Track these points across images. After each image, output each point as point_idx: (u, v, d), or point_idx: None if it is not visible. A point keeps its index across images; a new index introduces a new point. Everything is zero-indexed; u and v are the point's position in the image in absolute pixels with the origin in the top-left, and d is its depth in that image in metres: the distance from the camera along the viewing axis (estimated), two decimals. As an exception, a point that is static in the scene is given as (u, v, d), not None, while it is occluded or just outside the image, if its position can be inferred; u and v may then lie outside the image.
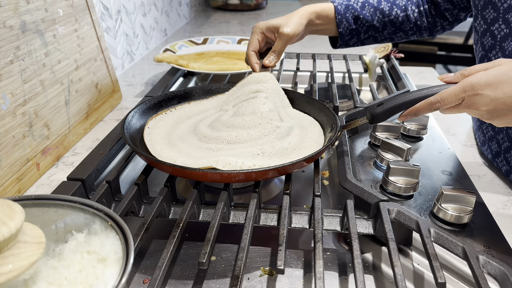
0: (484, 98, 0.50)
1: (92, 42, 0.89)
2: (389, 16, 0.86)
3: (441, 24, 0.89)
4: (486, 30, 0.69)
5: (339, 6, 0.86)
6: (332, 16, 0.85)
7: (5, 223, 0.32)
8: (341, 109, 0.91)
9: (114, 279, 0.35)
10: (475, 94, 0.51)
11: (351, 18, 0.86)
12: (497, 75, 0.50)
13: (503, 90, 0.50)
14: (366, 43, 0.91)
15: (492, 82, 0.50)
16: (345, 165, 0.63)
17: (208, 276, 0.52)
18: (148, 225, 0.49)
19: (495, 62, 0.52)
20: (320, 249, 0.46)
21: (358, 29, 0.87)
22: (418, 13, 0.86)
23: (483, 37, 0.71)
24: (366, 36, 0.89)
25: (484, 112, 0.52)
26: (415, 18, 0.86)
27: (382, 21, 0.86)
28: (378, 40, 0.91)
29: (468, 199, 0.54)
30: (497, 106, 0.51)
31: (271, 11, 2.17)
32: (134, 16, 1.30)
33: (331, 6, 0.85)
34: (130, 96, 1.04)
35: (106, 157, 0.65)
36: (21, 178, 0.65)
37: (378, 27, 0.87)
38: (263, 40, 0.81)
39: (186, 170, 0.53)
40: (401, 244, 0.55)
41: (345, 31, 0.87)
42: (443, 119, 0.92)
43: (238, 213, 0.56)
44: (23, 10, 0.68)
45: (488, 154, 0.75)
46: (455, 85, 0.52)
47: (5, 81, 0.63)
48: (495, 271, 0.45)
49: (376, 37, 0.89)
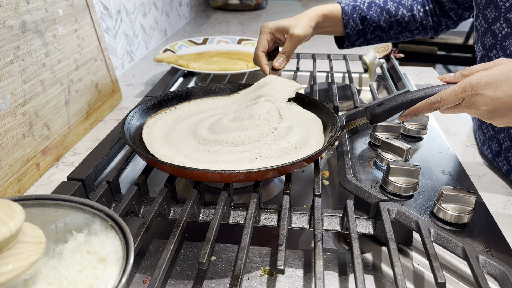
0: (484, 98, 0.50)
1: (92, 42, 0.89)
2: (395, 16, 0.86)
3: (445, 23, 0.89)
4: (487, 29, 0.69)
5: (346, 7, 0.86)
6: (340, 17, 0.86)
7: (5, 223, 0.32)
8: (341, 109, 0.91)
9: (114, 279, 0.35)
10: (475, 94, 0.51)
11: (358, 19, 0.86)
12: (497, 75, 0.50)
13: (503, 89, 0.50)
14: (372, 43, 0.91)
15: (492, 81, 0.50)
16: (345, 165, 0.63)
17: (208, 276, 0.52)
18: (148, 225, 0.49)
19: (495, 62, 0.52)
20: (320, 249, 0.46)
21: (365, 29, 0.87)
22: (424, 12, 0.87)
23: (484, 36, 0.71)
24: (372, 36, 0.89)
25: (484, 112, 0.52)
26: (420, 17, 0.87)
27: (388, 21, 0.87)
28: (384, 40, 0.91)
29: (468, 199, 0.54)
30: (497, 106, 0.50)
31: (271, 11, 2.17)
32: (134, 16, 1.30)
33: (338, 7, 0.86)
34: (130, 96, 1.04)
35: (106, 157, 0.65)
36: (21, 178, 0.65)
37: (385, 27, 0.87)
38: (272, 40, 0.81)
39: (186, 170, 0.53)
40: (401, 244, 0.55)
41: (352, 31, 0.87)
42: (443, 119, 0.92)
43: (238, 213, 0.56)
44: (23, 10, 0.68)
45: (488, 154, 0.75)
46: (455, 85, 0.52)
47: (5, 81, 0.63)
48: (495, 271, 0.45)
49: (382, 37, 0.90)
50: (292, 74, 1.11)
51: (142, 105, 0.71)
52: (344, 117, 0.78)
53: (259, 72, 1.10)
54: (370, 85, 0.96)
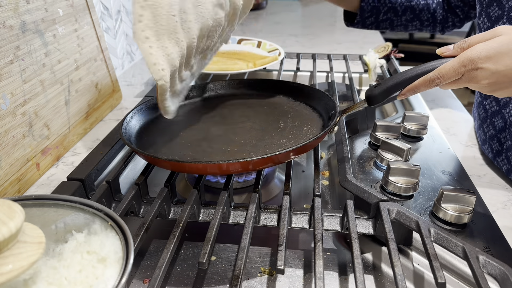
0: (485, 72, 0.49)
1: (92, 42, 0.89)
2: (411, 1, 0.85)
3: (452, 20, 0.88)
4: (490, 28, 0.69)
5: None
6: None
7: (5, 223, 0.32)
8: (341, 109, 0.91)
9: (114, 279, 0.35)
10: (475, 68, 0.49)
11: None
12: (497, 48, 0.48)
13: (505, 62, 0.48)
14: (381, 26, 0.88)
15: (493, 55, 0.48)
16: (345, 165, 0.63)
17: (208, 276, 0.52)
18: (148, 225, 0.49)
19: (495, 31, 0.50)
20: (320, 249, 0.46)
21: (379, 7, 0.85)
22: (437, 3, 0.86)
23: None
24: (384, 17, 0.86)
25: (485, 85, 0.50)
26: (433, 8, 0.86)
27: (403, 5, 0.85)
28: (393, 25, 0.89)
29: (468, 199, 0.54)
30: (499, 79, 0.49)
31: (271, 11, 2.17)
32: (134, 16, 1.30)
33: None
34: (130, 96, 1.04)
35: (106, 157, 0.65)
36: (21, 178, 0.65)
37: (399, 11, 0.85)
38: None
39: (185, 164, 0.53)
40: (401, 244, 0.55)
41: (367, 6, 0.84)
42: (443, 119, 0.92)
43: (238, 213, 0.56)
44: (23, 10, 0.68)
45: (488, 153, 0.75)
46: (454, 60, 0.50)
47: (5, 81, 0.63)
48: (495, 271, 0.45)
49: (393, 20, 0.87)
50: (292, 74, 1.12)
51: (142, 105, 0.71)
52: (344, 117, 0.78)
53: (259, 72, 1.10)
54: (370, 85, 0.96)
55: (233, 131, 0.65)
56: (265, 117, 0.70)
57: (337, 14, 2.09)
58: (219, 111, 0.74)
